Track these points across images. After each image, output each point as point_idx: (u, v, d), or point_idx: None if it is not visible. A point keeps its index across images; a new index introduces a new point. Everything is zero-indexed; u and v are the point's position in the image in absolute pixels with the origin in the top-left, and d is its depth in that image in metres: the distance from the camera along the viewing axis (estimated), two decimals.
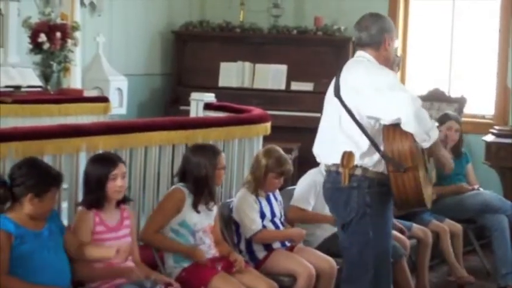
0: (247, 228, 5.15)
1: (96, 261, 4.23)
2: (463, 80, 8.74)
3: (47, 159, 4.54)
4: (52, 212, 4.12)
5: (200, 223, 4.81)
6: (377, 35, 4.18)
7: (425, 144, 3.98)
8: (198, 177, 4.79)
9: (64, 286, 3.94)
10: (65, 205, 4.84)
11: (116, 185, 4.34)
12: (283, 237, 5.28)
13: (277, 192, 5.44)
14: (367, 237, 4.15)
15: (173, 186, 4.95)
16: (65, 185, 4.81)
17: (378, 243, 4.18)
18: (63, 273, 3.97)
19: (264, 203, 5.27)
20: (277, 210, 5.34)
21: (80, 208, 4.45)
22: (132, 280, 4.16)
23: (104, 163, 4.39)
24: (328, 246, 5.36)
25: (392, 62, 4.23)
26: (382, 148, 4.03)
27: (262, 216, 5.21)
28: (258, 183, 5.23)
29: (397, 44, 4.28)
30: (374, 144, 4.04)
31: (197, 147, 5.01)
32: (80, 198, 4.58)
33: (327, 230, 5.45)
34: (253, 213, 5.16)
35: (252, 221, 5.15)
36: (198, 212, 4.79)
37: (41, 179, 3.91)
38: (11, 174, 3.96)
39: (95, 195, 4.32)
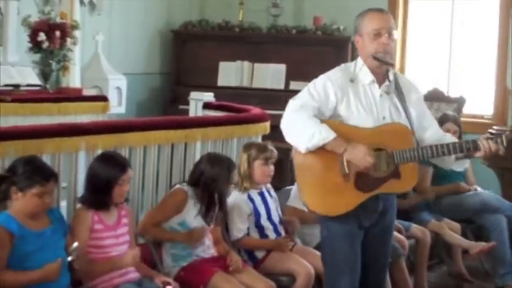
0: (231, 234, 5.16)
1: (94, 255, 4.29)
2: (462, 80, 8.74)
3: (46, 158, 4.54)
4: (55, 213, 4.13)
5: (200, 225, 4.81)
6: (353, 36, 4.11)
7: (301, 150, 3.89)
8: (212, 191, 4.81)
9: (63, 285, 3.94)
10: (63, 204, 4.84)
11: (122, 190, 4.37)
12: (267, 247, 5.19)
13: (272, 190, 5.41)
14: (323, 236, 4.18)
15: (176, 186, 4.95)
16: (63, 184, 4.82)
17: (330, 245, 4.11)
18: (62, 273, 3.96)
19: (258, 200, 5.23)
20: (273, 207, 5.31)
21: (79, 206, 4.45)
22: (127, 266, 4.23)
23: (115, 166, 4.36)
24: None
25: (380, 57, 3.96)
26: None
27: (257, 215, 5.19)
28: (245, 178, 5.20)
29: (396, 35, 4.01)
30: None
31: (215, 159, 4.97)
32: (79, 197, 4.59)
33: None
34: (240, 220, 5.14)
35: (236, 228, 5.14)
36: (207, 224, 4.82)
37: (25, 173, 3.89)
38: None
39: (101, 197, 4.33)
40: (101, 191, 4.32)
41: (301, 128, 3.86)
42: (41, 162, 4.11)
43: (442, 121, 6.61)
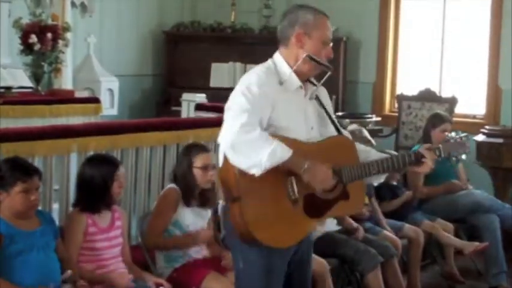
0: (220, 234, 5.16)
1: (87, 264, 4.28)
2: (454, 80, 8.75)
3: (38, 160, 4.53)
4: (46, 215, 4.14)
5: (193, 224, 4.80)
6: (286, 28, 3.51)
7: (255, 172, 3.25)
8: (181, 177, 4.78)
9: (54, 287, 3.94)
10: (56, 206, 4.83)
11: (120, 184, 4.40)
12: None
13: None
14: (237, 269, 3.68)
15: (167, 187, 4.93)
16: (56, 186, 4.81)
17: (247, 281, 3.57)
18: (53, 274, 3.96)
19: None
20: None
21: (72, 210, 4.44)
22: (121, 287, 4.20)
23: (107, 165, 4.38)
24: (318, 247, 5.34)
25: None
26: None
27: None
28: None
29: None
30: None
31: (185, 147, 4.98)
32: (71, 199, 4.58)
33: (318, 230, 5.44)
34: None
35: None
36: (192, 209, 4.79)
37: (7, 172, 3.89)
38: None
39: (99, 198, 4.33)
40: (99, 192, 4.33)
41: (255, 146, 3.24)
42: (22, 160, 4.08)
43: (438, 122, 6.58)
